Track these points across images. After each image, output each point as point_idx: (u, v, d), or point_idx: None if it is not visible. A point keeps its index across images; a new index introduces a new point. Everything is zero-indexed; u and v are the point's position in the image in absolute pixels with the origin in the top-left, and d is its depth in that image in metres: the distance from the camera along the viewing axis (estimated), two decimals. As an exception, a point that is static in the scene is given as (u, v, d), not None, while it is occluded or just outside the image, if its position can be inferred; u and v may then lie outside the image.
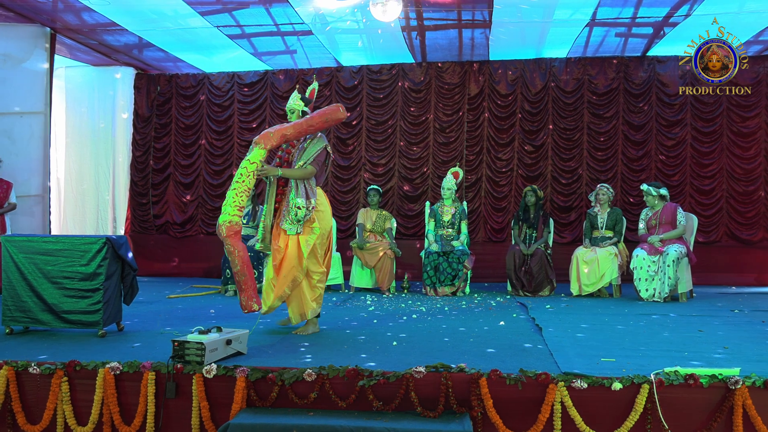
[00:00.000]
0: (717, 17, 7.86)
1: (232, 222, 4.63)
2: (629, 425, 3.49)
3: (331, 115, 5.07)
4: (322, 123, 5.03)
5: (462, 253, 7.92)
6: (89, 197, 10.38)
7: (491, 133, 9.92)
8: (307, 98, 5.37)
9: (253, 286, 4.76)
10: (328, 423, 3.37)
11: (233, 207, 4.65)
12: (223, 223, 4.63)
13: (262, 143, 4.80)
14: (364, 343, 4.66)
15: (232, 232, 4.64)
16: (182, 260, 10.50)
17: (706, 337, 4.97)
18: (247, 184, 4.74)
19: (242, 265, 4.70)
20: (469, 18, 8.33)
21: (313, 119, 5.00)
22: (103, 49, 9.40)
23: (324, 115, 5.03)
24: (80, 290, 4.86)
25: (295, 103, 5.23)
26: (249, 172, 4.75)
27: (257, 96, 10.35)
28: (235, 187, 4.69)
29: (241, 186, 4.69)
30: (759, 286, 9.14)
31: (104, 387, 3.76)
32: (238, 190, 4.68)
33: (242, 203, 4.69)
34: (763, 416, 3.48)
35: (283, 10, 7.93)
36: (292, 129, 4.93)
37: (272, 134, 4.85)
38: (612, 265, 7.66)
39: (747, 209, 9.45)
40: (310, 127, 5.00)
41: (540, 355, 4.23)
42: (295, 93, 5.29)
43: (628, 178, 9.65)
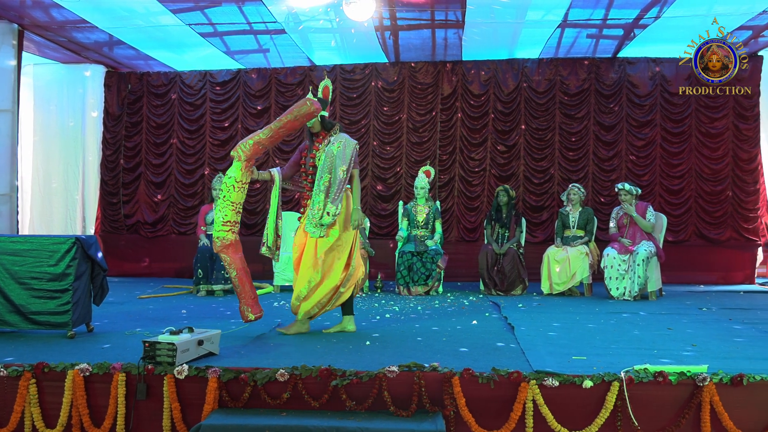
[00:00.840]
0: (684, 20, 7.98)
1: (220, 238, 4.83)
2: (600, 422, 3.53)
3: (300, 109, 4.90)
4: (293, 120, 4.91)
5: (435, 252, 7.94)
6: (58, 197, 10.22)
7: (464, 132, 9.96)
8: (323, 99, 5.19)
9: (251, 295, 4.87)
10: (300, 423, 3.36)
11: (220, 223, 4.85)
12: (215, 239, 4.86)
13: (236, 156, 4.86)
14: (337, 343, 4.65)
15: (224, 246, 4.84)
16: (153, 260, 10.39)
17: (675, 335, 5.05)
18: (230, 198, 4.84)
19: (239, 275, 4.87)
20: (443, 18, 8.36)
21: (283, 118, 4.90)
22: (73, 47, 9.26)
23: (291, 112, 4.91)
24: (49, 291, 4.78)
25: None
26: (229, 186, 4.85)
27: (230, 95, 10.28)
28: (218, 203, 4.89)
29: (223, 202, 4.85)
30: (726, 285, 9.30)
31: (73, 389, 3.70)
32: (221, 206, 4.85)
33: (227, 218, 4.83)
34: (730, 412, 3.54)
35: (255, 9, 7.89)
36: (264, 134, 4.89)
37: (245, 145, 4.86)
38: (583, 264, 7.73)
39: (715, 209, 9.60)
40: (282, 128, 4.90)
41: (512, 354, 4.25)
42: (309, 95, 5.13)
43: (599, 177, 9.76)
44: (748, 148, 9.56)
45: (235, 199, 4.85)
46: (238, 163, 4.86)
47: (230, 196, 4.83)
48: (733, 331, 5.28)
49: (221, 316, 6.08)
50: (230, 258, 4.87)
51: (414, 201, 8.35)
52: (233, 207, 4.84)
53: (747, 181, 9.56)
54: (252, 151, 4.86)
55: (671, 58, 9.57)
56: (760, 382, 3.56)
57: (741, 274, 9.54)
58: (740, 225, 9.55)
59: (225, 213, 4.83)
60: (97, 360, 3.83)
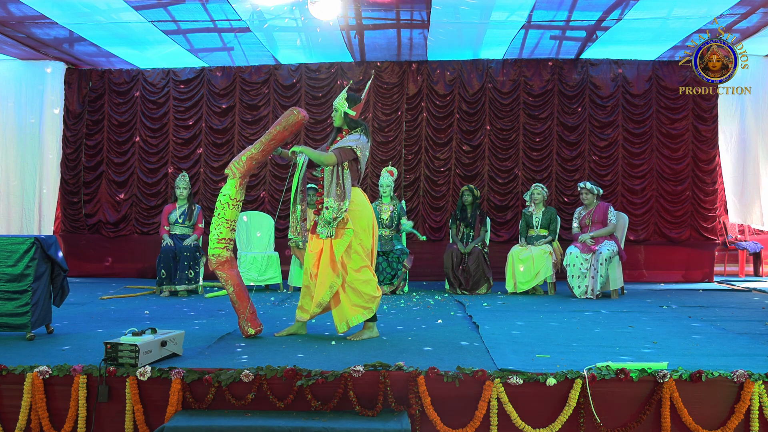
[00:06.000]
0: (645, 22, 8.11)
1: (215, 255, 4.85)
2: (563, 419, 3.58)
3: (287, 120, 4.86)
4: (282, 131, 4.86)
5: (401, 252, 7.95)
6: (15, 196, 10.00)
7: (429, 132, 10.00)
8: (355, 96, 4.99)
9: (249, 309, 4.85)
10: (266, 424, 3.34)
11: (215, 241, 4.86)
12: (211, 256, 4.87)
13: (231, 173, 4.86)
14: (302, 343, 4.64)
15: (220, 264, 4.86)
16: (115, 260, 10.23)
17: (636, 333, 5.13)
18: (225, 215, 4.85)
19: (236, 291, 4.87)
20: (408, 18, 8.38)
21: (272, 130, 4.87)
22: (32, 43, 9.07)
23: (280, 123, 4.88)
24: (7, 292, 4.68)
25: (338, 103, 4.95)
26: (223, 204, 4.86)
27: (193, 93, 10.17)
28: (213, 221, 4.89)
29: (218, 219, 4.87)
30: (686, 283, 9.47)
31: (32, 392, 3.64)
32: (215, 224, 4.87)
33: (222, 235, 4.84)
34: (690, 408, 3.61)
35: (219, 7, 7.81)
36: (255, 149, 4.87)
37: (238, 162, 4.85)
38: (546, 264, 7.81)
39: (675, 208, 9.78)
40: (273, 140, 4.86)
41: (477, 353, 4.28)
42: (344, 92, 4.99)
43: (562, 177, 9.87)
44: (707, 149, 9.75)
45: (230, 217, 4.86)
46: (232, 181, 4.85)
47: (225, 214, 4.84)
48: (693, 328, 5.39)
49: (185, 316, 6.01)
50: (226, 274, 4.87)
51: (379, 200, 8.35)
52: (228, 224, 4.85)
53: (706, 181, 9.76)
54: (246, 167, 4.86)
55: (633, 60, 9.73)
56: (718, 378, 3.64)
57: (700, 273, 9.73)
58: (700, 224, 9.74)
59: (220, 230, 4.84)
60: (57, 362, 3.77)
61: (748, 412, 3.63)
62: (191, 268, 7.73)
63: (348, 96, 4.95)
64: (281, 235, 9.35)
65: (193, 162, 10.11)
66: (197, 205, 8.23)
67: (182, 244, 7.77)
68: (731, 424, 3.62)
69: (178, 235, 7.93)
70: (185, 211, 8.05)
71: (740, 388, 3.64)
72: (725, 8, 7.62)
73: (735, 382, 3.64)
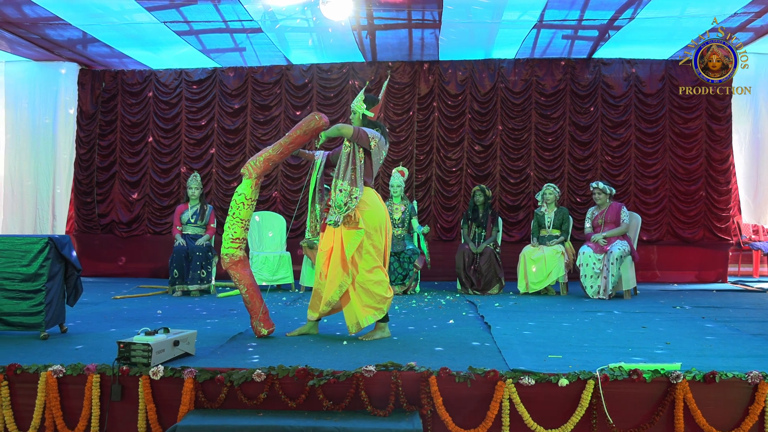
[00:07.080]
0: (658, 21, 8.06)
1: (228, 254, 4.87)
2: (575, 420, 3.56)
3: (308, 124, 4.85)
4: (302, 135, 4.86)
5: (413, 252, 7.95)
6: (29, 196, 10.07)
7: (441, 132, 9.99)
8: (373, 97, 5.00)
9: (262, 309, 4.87)
10: (277, 423, 3.35)
11: (228, 240, 4.87)
12: (224, 256, 4.88)
13: (247, 173, 4.87)
14: (314, 343, 4.64)
15: (233, 263, 4.87)
16: (129, 260, 10.28)
17: (649, 334, 5.10)
18: (240, 215, 4.85)
19: (249, 291, 4.88)
20: (419, 18, 8.37)
21: (292, 134, 4.88)
22: (46, 44, 9.13)
23: (300, 127, 4.88)
24: (21, 291, 4.72)
25: (356, 105, 4.97)
26: (238, 203, 4.87)
27: (206, 93, 10.21)
28: (228, 220, 4.89)
29: (232, 219, 4.87)
30: (699, 283, 9.42)
31: (46, 391, 3.67)
32: (230, 223, 4.87)
33: (236, 235, 4.86)
34: (703, 409, 3.59)
35: (232, 7, 7.83)
36: (273, 150, 4.89)
37: (255, 162, 4.87)
38: (559, 264, 7.79)
39: (689, 208, 9.71)
40: (291, 143, 4.88)
41: (488, 353, 4.27)
42: (361, 93, 5.02)
43: (574, 177, 9.83)
44: (720, 149, 9.68)
45: (244, 216, 4.87)
46: (248, 181, 4.87)
47: (240, 213, 4.86)
48: (706, 329, 5.35)
49: (197, 316, 6.04)
50: (240, 274, 4.88)
51: (390, 200, 8.35)
52: (242, 224, 4.87)
53: (720, 181, 9.69)
54: (262, 167, 4.88)
55: (646, 59, 9.68)
56: (732, 379, 3.62)
57: (714, 273, 9.66)
58: (713, 224, 9.67)
59: (234, 230, 4.86)
60: (71, 361, 3.79)
61: (762, 414, 3.61)
62: (203, 267, 7.76)
63: (365, 98, 4.97)
64: (293, 235, 9.37)
65: (206, 162, 10.14)
66: (209, 205, 8.27)
67: (194, 244, 7.80)
68: (745, 425, 3.60)
69: (191, 235, 7.96)
70: (197, 211, 8.08)
71: (754, 389, 3.62)
72: (739, 7, 7.56)
73: (749, 384, 3.62)
